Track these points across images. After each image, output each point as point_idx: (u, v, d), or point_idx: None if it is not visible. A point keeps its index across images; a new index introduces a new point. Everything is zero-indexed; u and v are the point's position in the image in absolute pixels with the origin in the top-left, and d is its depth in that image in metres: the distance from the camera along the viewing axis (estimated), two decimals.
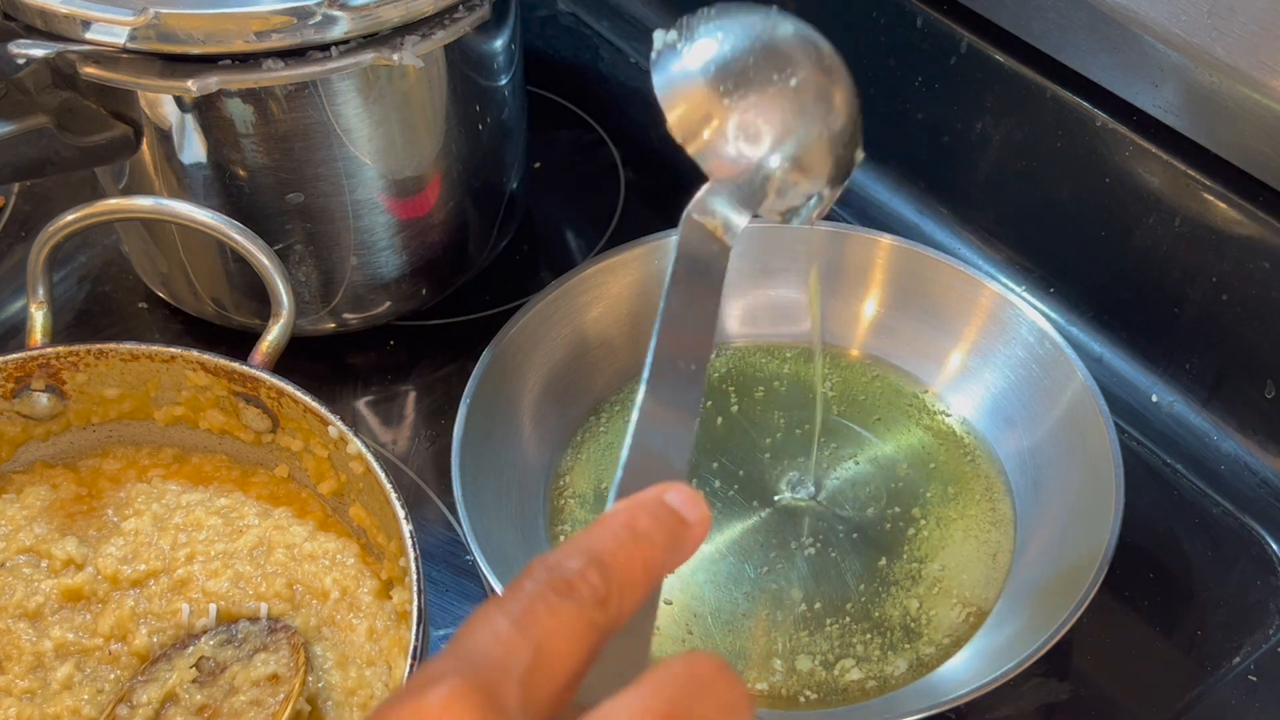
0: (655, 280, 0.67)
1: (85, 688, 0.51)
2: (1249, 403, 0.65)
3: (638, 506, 0.34)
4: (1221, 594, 0.60)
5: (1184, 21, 0.59)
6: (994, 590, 0.59)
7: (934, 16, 0.71)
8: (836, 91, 0.47)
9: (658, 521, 0.33)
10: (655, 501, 0.34)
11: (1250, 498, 0.64)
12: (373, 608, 0.54)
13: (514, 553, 0.58)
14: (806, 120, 0.45)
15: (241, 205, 0.61)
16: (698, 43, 0.45)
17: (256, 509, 0.57)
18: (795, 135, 0.45)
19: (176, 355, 0.56)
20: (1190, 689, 0.57)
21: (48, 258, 0.58)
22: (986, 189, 0.74)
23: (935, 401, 0.66)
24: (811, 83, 0.46)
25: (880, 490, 0.63)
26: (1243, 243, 0.62)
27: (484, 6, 0.60)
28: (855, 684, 0.56)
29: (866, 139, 0.79)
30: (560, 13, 0.92)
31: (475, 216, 0.69)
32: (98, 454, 0.60)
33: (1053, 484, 0.61)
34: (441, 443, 0.66)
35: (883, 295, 0.67)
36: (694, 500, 0.34)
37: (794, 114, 0.45)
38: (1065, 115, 0.67)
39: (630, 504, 0.34)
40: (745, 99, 0.44)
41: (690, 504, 0.34)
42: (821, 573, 0.60)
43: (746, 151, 0.45)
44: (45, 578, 0.54)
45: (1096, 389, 0.60)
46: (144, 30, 0.53)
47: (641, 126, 0.84)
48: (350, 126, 0.59)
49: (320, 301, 0.67)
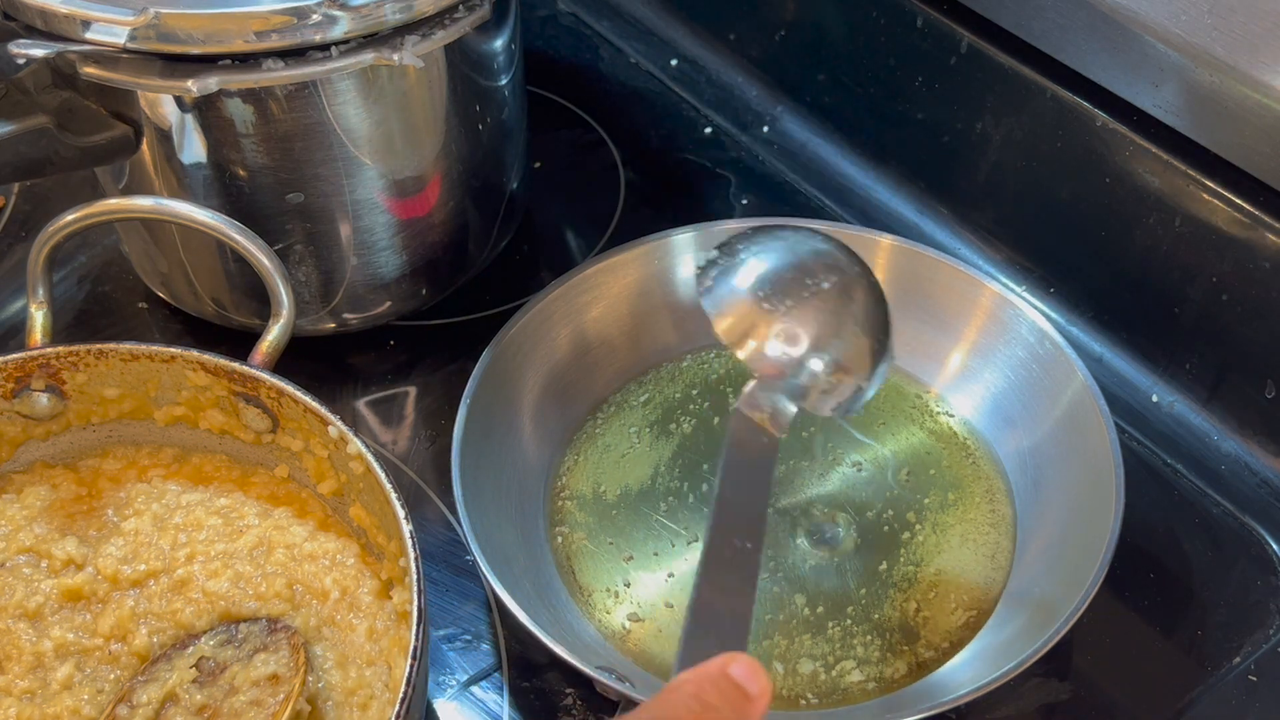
0: (655, 280, 0.67)
1: (85, 688, 0.51)
2: (1249, 403, 0.65)
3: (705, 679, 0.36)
4: (1221, 594, 0.60)
5: (1184, 21, 0.59)
6: (994, 591, 0.59)
7: (934, 16, 0.71)
8: (862, 293, 0.52)
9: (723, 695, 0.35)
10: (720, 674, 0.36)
11: (1250, 498, 0.64)
12: (373, 608, 0.54)
13: (514, 553, 0.58)
14: (836, 322, 0.51)
15: (241, 205, 0.61)
16: (739, 261, 0.52)
17: (256, 509, 0.57)
18: (828, 337, 0.51)
19: (176, 355, 0.56)
20: (1190, 689, 0.57)
21: (48, 258, 0.58)
22: (986, 189, 0.74)
23: (935, 402, 0.66)
24: (839, 289, 0.52)
25: (881, 491, 0.63)
26: (1243, 243, 0.62)
27: (484, 6, 0.60)
28: (856, 685, 0.56)
29: (867, 138, 0.80)
30: (560, 13, 0.92)
31: (475, 216, 0.69)
32: (98, 454, 0.60)
33: (1053, 484, 0.61)
34: (441, 443, 0.66)
35: None
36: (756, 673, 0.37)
37: (825, 317, 0.51)
38: (1065, 115, 0.67)
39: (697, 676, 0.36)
40: (783, 307, 0.50)
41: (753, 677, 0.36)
42: (822, 575, 0.60)
43: (789, 353, 0.50)
44: (45, 578, 0.54)
45: (1096, 389, 0.60)
46: (144, 30, 0.53)
47: (641, 126, 0.84)
48: (350, 126, 0.59)
49: (320, 301, 0.67)
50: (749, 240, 0.53)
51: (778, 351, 0.50)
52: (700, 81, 0.87)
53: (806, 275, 0.51)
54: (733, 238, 0.54)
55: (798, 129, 0.83)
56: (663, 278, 0.67)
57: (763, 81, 0.85)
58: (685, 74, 0.87)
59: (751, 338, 0.50)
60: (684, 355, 0.68)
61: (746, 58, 0.86)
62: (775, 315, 0.50)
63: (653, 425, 0.66)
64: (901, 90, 0.75)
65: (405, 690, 0.46)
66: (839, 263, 0.53)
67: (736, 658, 0.37)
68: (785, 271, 0.52)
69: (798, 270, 0.52)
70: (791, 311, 0.50)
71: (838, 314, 0.51)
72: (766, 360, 0.50)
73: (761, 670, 0.37)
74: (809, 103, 0.82)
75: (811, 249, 0.53)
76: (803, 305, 0.51)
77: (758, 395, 0.50)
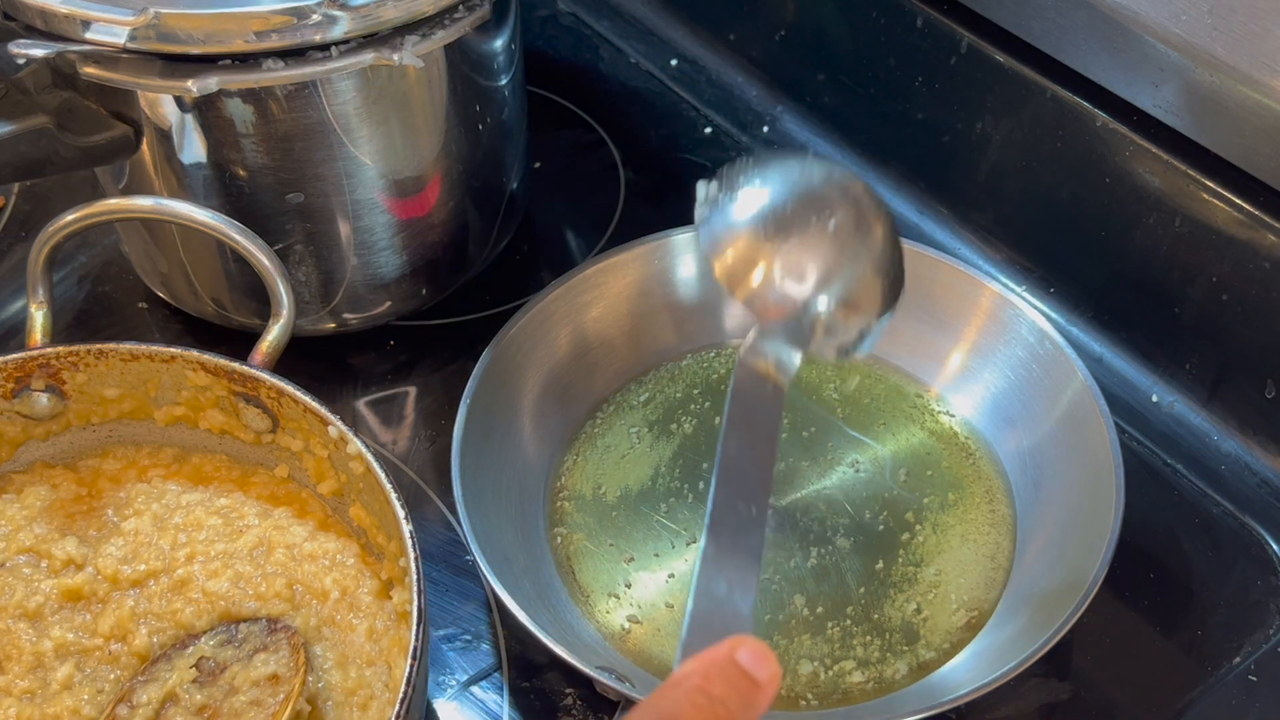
0: (655, 280, 0.67)
1: (85, 688, 0.51)
2: (1249, 403, 0.65)
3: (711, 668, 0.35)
4: (1221, 594, 0.60)
5: (1184, 21, 0.59)
6: (994, 591, 0.59)
7: (934, 16, 0.71)
8: (875, 228, 0.48)
9: (730, 685, 0.34)
10: (727, 661, 0.35)
11: (1250, 498, 0.64)
12: (373, 608, 0.54)
13: (514, 553, 0.58)
14: (847, 259, 0.47)
15: (241, 205, 0.61)
16: (739, 193, 0.47)
17: (256, 509, 0.57)
18: (837, 274, 0.46)
19: (176, 355, 0.56)
20: (1190, 689, 0.57)
21: (48, 258, 0.58)
22: (986, 189, 0.74)
23: (935, 402, 0.66)
24: (849, 222, 0.47)
25: (881, 491, 0.63)
26: (1243, 243, 0.62)
27: (484, 6, 0.60)
28: (856, 686, 0.56)
29: (867, 138, 0.80)
30: (560, 13, 0.92)
31: (475, 216, 0.69)
32: (98, 454, 0.60)
33: (1053, 484, 0.61)
34: (441, 443, 0.66)
35: None
36: (764, 658, 0.35)
37: (835, 254, 0.46)
38: (1065, 115, 0.67)
39: (703, 665, 0.35)
40: (787, 243, 0.46)
41: (761, 662, 0.35)
42: (822, 575, 0.60)
43: (792, 294, 0.46)
44: (45, 578, 0.54)
45: (1096, 389, 0.60)
46: (144, 30, 0.53)
47: (641, 126, 0.84)
48: (350, 126, 0.59)
49: (320, 301, 0.67)
50: (751, 169, 0.48)
51: (781, 291, 0.46)
52: (700, 81, 0.87)
53: (812, 206, 0.47)
54: (733, 166, 0.49)
55: (798, 129, 0.83)
56: (663, 278, 0.67)
57: (763, 81, 0.85)
58: (685, 74, 0.87)
59: (752, 277, 0.46)
60: (684, 355, 0.68)
61: (746, 58, 0.86)
62: (778, 251, 0.46)
63: (653, 425, 0.66)
64: (901, 90, 0.75)
65: (405, 690, 0.46)
66: (850, 192, 0.48)
67: (744, 642, 0.36)
68: (789, 203, 0.47)
69: (803, 201, 0.47)
70: (796, 246, 0.46)
71: (847, 248, 0.47)
72: (769, 302, 0.46)
73: (770, 654, 0.35)
74: (809, 103, 0.82)
75: (818, 177, 0.49)
76: (808, 239, 0.46)
77: (760, 342, 0.46)
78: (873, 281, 0.47)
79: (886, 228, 0.48)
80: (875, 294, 0.48)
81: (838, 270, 0.46)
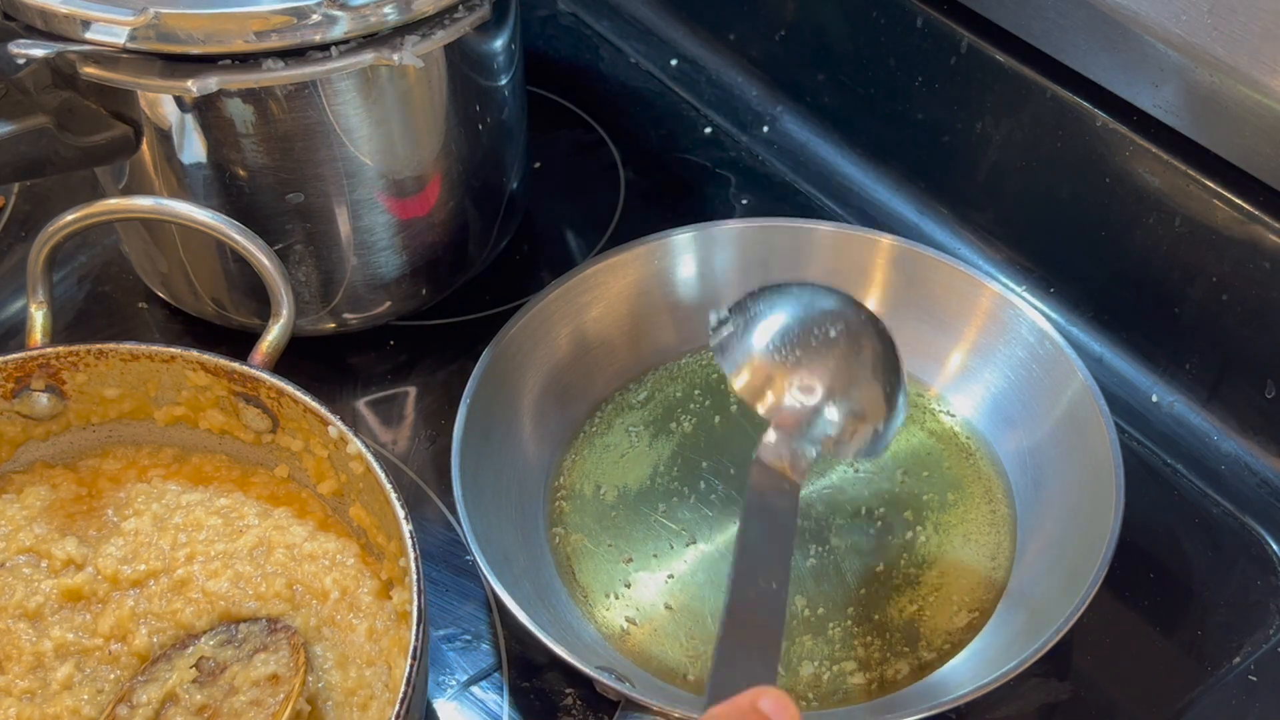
0: (655, 280, 0.67)
1: (85, 688, 0.51)
2: (1249, 403, 0.65)
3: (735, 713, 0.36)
4: (1221, 594, 0.60)
5: (1184, 21, 0.59)
6: (994, 591, 0.59)
7: (934, 16, 0.71)
8: (870, 341, 0.55)
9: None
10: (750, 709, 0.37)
11: (1250, 498, 0.64)
12: (373, 608, 0.54)
13: (514, 553, 0.58)
14: (849, 369, 0.54)
15: (241, 205, 0.61)
16: (750, 319, 0.55)
17: (256, 509, 0.57)
18: (841, 383, 0.53)
19: (176, 355, 0.56)
20: (1190, 689, 0.57)
21: (48, 258, 0.58)
22: (986, 189, 0.74)
23: (935, 402, 0.66)
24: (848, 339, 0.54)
25: (880, 491, 0.63)
26: (1243, 243, 0.62)
27: (484, 6, 0.60)
28: (856, 687, 0.56)
29: (867, 138, 0.80)
30: (560, 13, 0.92)
31: (475, 216, 0.69)
32: (98, 454, 0.60)
33: (1053, 484, 0.61)
34: (441, 443, 0.66)
35: (883, 295, 0.67)
36: (785, 708, 0.37)
37: (837, 366, 0.54)
38: (1065, 115, 0.67)
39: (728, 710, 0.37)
40: (796, 360, 0.53)
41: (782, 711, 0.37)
42: (822, 575, 0.60)
43: (805, 402, 0.53)
44: (45, 578, 0.54)
45: (1096, 389, 0.60)
46: (144, 30, 0.53)
47: (641, 126, 0.84)
48: (350, 126, 0.59)
49: (320, 301, 0.67)
50: (758, 299, 0.56)
51: (794, 401, 0.52)
52: (700, 81, 0.87)
53: (815, 328, 0.54)
54: (743, 298, 0.56)
55: (798, 129, 0.83)
56: (663, 278, 0.67)
57: (763, 81, 0.85)
58: (685, 74, 0.87)
59: (769, 391, 0.53)
60: (684, 355, 0.68)
61: (746, 58, 0.86)
62: (789, 368, 0.53)
63: (652, 425, 0.66)
64: (901, 90, 0.75)
65: (405, 690, 0.46)
66: (846, 313, 0.55)
67: (766, 692, 0.37)
68: (795, 326, 0.54)
69: (807, 324, 0.54)
70: (804, 363, 0.53)
71: (848, 363, 0.54)
72: (784, 411, 0.52)
73: (791, 704, 0.37)
74: (809, 103, 0.82)
75: (819, 303, 0.56)
76: (814, 356, 0.53)
77: (777, 444, 0.52)
78: (873, 390, 0.54)
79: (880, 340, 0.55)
80: (878, 401, 0.54)
81: (840, 383, 0.53)
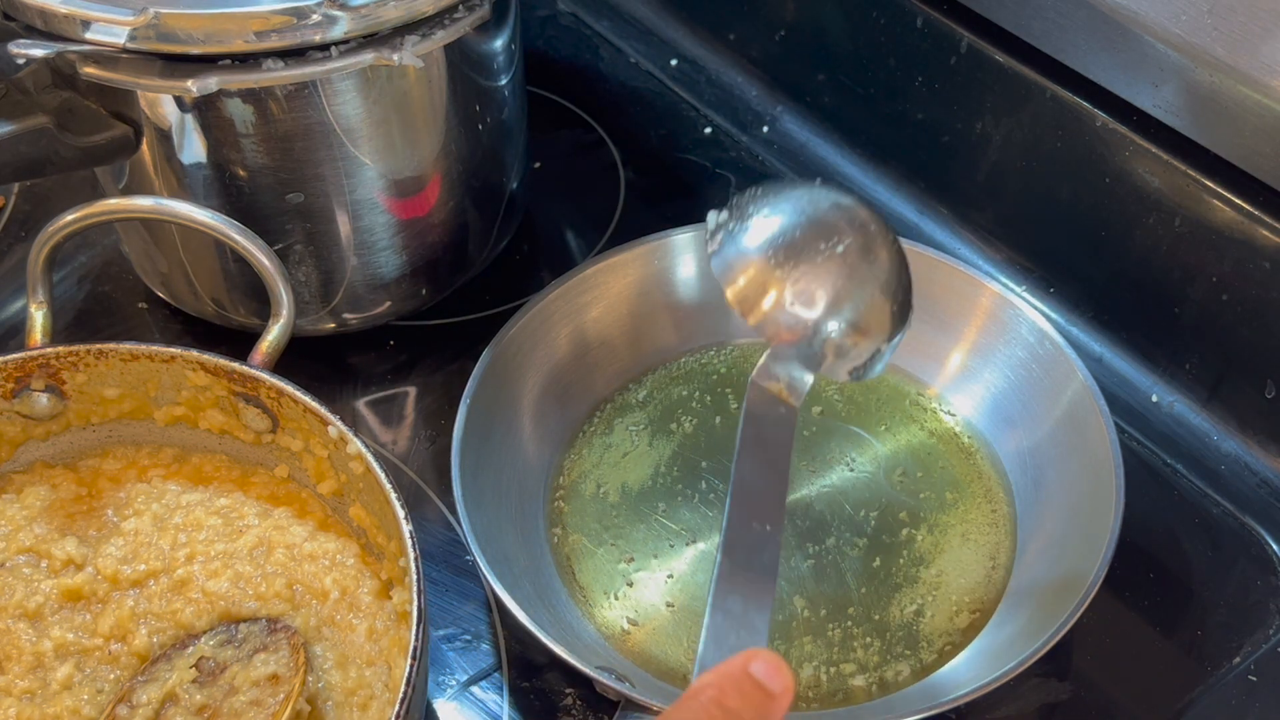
0: (655, 280, 0.67)
1: (85, 688, 0.51)
2: (1249, 403, 0.65)
3: (726, 680, 0.36)
4: (1221, 594, 0.60)
5: (1184, 21, 0.59)
6: (994, 591, 0.59)
7: (934, 16, 0.71)
8: (881, 252, 0.49)
9: (745, 697, 0.35)
10: (741, 674, 0.36)
11: (1250, 498, 0.64)
12: (373, 608, 0.54)
13: (514, 553, 0.58)
14: (855, 283, 0.48)
15: (241, 205, 0.61)
16: (749, 221, 0.49)
17: (256, 509, 0.57)
18: (847, 298, 0.48)
19: (176, 355, 0.56)
20: (1190, 689, 0.57)
21: (48, 258, 0.58)
22: (986, 189, 0.74)
23: (935, 402, 0.66)
24: (856, 247, 0.49)
25: (880, 491, 0.63)
26: (1243, 243, 0.62)
27: (484, 6, 0.60)
28: (857, 688, 0.56)
29: (867, 138, 0.80)
30: (560, 13, 0.92)
31: (475, 216, 0.69)
32: (98, 454, 0.60)
33: (1053, 484, 0.61)
34: (441, 443, 0.66)
35: None
36: (778, 670, 0.36)
37: (843, 278, 0.48)
38: (1065, 115, 0.67)
39: (718, 678, 0.36)
40: (797, 269, 0.48)
41: (775, 674, 0.36)
42: (822, 575, 0.60)
43: (803, 317, 0.48)
44: (45, 578, 0.54)
45: (1096, 389, 0.60)
46: (144, 30, 0.53)
47: (641, 126, 0.84)
48: (350, 126, 0.59)
49: (320, 301, 0.67)
50: (759, 197, 0.50)
51: (792, 315, 0.48)
52: (700, 81, 0.87)
53: (820, 232, 0.48)
54: (743, 195, 0.50)
55: (798, 129, 0.83)
56: (663, 278, 0.67)
57: (763, 81, 0.85)
58: (685, 74, 0.87)
59: (764, 302, 0.48)
60: (684, 355, 0.68)
61: (746, 58, 0.85)
62: (788, 276, 0.48)
63: (652, 425, 0.66)
64: (901, 90, 0.75)
65: (405, 690, 0.46)
66: (856, 218, 0.50)
67: (758, 654, 0.36)
68: (798, 229, 0.48)
69: (811, 227, 0.49)
70: (805, 272, 0.48)
71: (855, 272, 0.48)
72: (780, 325, 0.48)
73: (784, 666, 0.36)
74: (809, 103, 0.82)
75: (826, 204, 0.50)
76: (817, 265, 0.48)
77: (772, 364, 0.48)
78: (881, 305, 0.49)
79: (892, 252, 0.50)
80: (884, 317, 0.49)
81: (846, 295, 0.48)
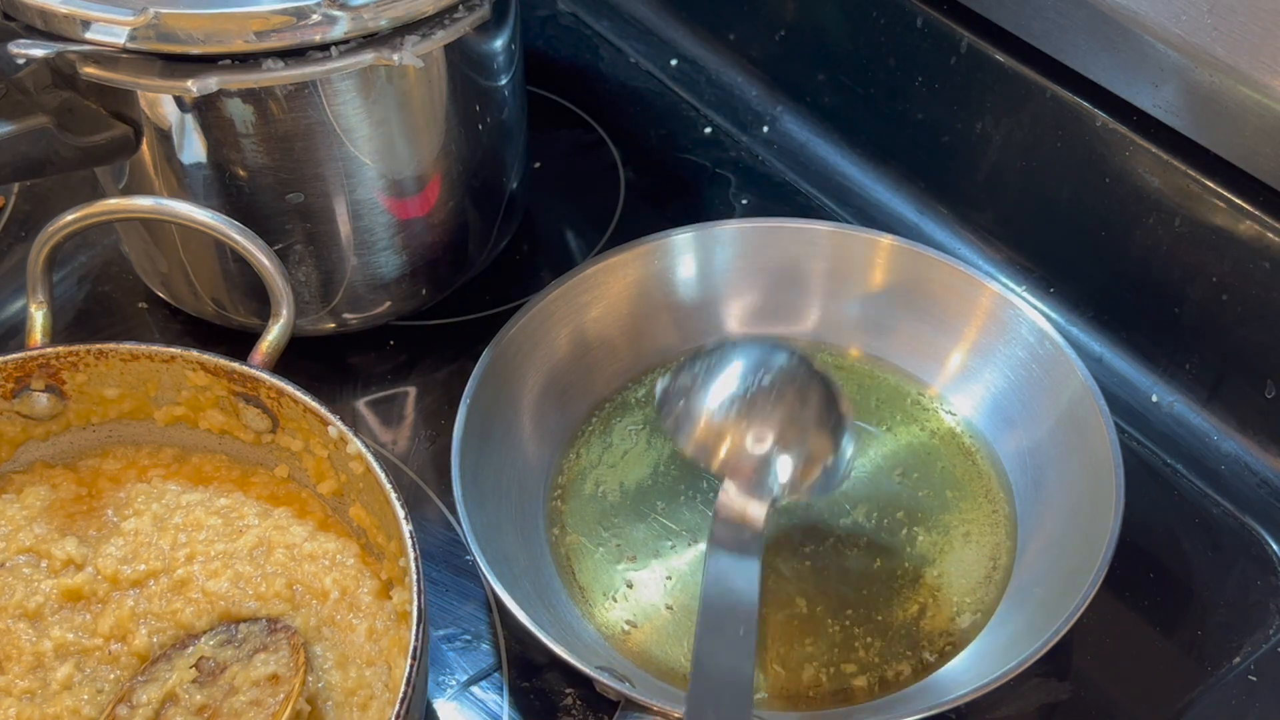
0: (655, 280, 0.67)
1: (85, 688, 0.51)
2: (1249, 403, 0.65)
3: None
4: (1221, 594, 0.60)
5: (1184, 21, 0.59)
6: (994, 591, 0.59)
7: (934, 16, 0.71)
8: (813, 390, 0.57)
9: None
10: None
11: (1250, 498, 0.64)
12: (373, 608, 0.54)
13: (514, 553, 0.58)
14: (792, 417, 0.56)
15: (241, 205, 0.61)
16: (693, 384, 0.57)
17: (256, 509, 0.57)
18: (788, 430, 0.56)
19: (176, 355, 0.56)
20: (1190, 689, 0.57)
21: (48, 258, 0.58)
22: (986, 189, 0.74)
23: (935, 401, 0.66)
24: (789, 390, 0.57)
25: (881, 491, 0.63)
26: (1243, 243, 0.62)
27: (484, 6, 0.60)
28: (857, 688, 0.56)
29: (867, 138, 0.80)
30: (560, 13, 0.92)
31: (475, 216, 0.69)
32: (98, 454, 0.60)
33: (1053, 484, 0.61)
34: (441, 443, 0.66)
35: (883, 295, 0.67)
36: None
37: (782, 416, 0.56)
38: (1065, 115, 0.67)
39: None
40: (742, 417, 0.56)
41: None
42: (823, 576, 0.60)
43: (754, 453, 0.56)
44: (45, 578, 0.54)
45: (1096, 389, 0.60)
46: (144, 30, 0.53)
47: (641, 126, 0.84)
48: (350, 126, 0.59)
49: (320, 301, 0.67)
50: (696, 363, 0.58)
51: (744, 455, 0.55)
52: (700, 81, 0.87)
53: (756, 384, 0.57)
54: (682, 363, 0.59)
55: (798, 129, 0.83)
56: (663, 278, 0.67)
57: (763, 81, 0.85)
58: (685, 74, 0.87)
59: (718, 450, 0.56)
60: (683, 355, 0.68)
61: (746, 58, 0.86)
62: (734, 425, 0.56)
63: (651, 425, 0.66)
64: (901, 90, 0.75)
65: (405, 690, 0.46)
66: (785, 366, 0.58)
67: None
68: (736, 384, 0.57)
69: (746, 381, 0.57)
70: (748, 418, 0.56)
71: (791, 411, 0.57)
72: (735, 467, 0.55)
73: None
74: (809, 103, 0.82)
75: (756, 360, 0.58)
76: (757, 410, 0.56)
77: (733, 496, 0.55)
78: (819, 436, 0.57)
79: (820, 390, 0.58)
80: (825, 444, 0.57)
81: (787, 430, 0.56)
